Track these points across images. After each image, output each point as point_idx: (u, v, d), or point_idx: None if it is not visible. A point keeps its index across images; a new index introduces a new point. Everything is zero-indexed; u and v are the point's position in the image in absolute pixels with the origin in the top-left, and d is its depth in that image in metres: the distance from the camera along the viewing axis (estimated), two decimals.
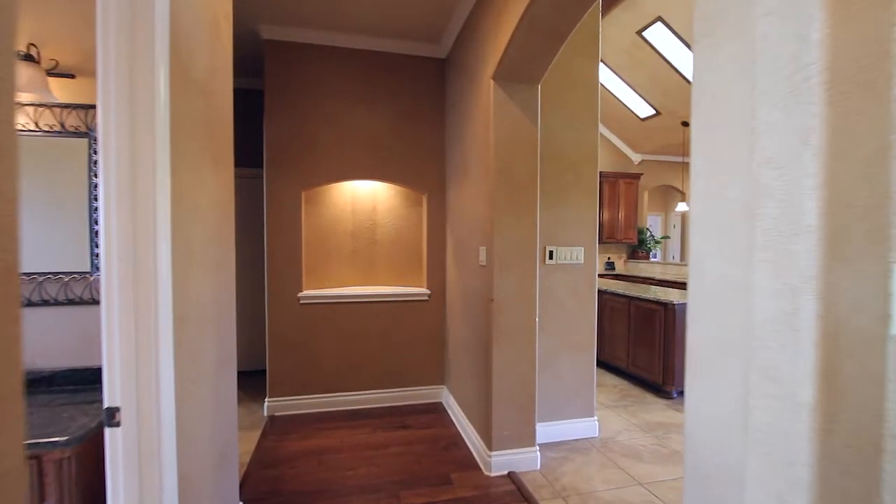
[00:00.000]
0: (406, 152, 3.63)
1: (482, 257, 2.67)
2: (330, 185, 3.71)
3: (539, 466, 2.62)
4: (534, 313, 2.56)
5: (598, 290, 3.98)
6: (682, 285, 5.89)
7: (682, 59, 5.72)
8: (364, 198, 3.88)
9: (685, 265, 6.96)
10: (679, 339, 3.77)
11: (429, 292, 3.69)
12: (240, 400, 3.60)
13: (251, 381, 4.11)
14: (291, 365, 3.44)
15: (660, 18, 5.31)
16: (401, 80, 3.60)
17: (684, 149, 7.47)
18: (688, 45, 5.43)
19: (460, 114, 3.18)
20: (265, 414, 3.39)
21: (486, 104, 2.59)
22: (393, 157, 3.60)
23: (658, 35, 5.57)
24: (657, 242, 8.14)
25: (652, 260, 8.21)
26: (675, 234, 9.10)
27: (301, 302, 3.44)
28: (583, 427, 3.04)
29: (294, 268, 3.43)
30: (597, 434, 3.08)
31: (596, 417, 3.10)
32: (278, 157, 3.37)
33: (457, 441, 2.98)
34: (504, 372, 2.53)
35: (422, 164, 3.67)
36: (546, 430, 2.94)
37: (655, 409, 3.59)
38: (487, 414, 2.59)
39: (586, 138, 3.00)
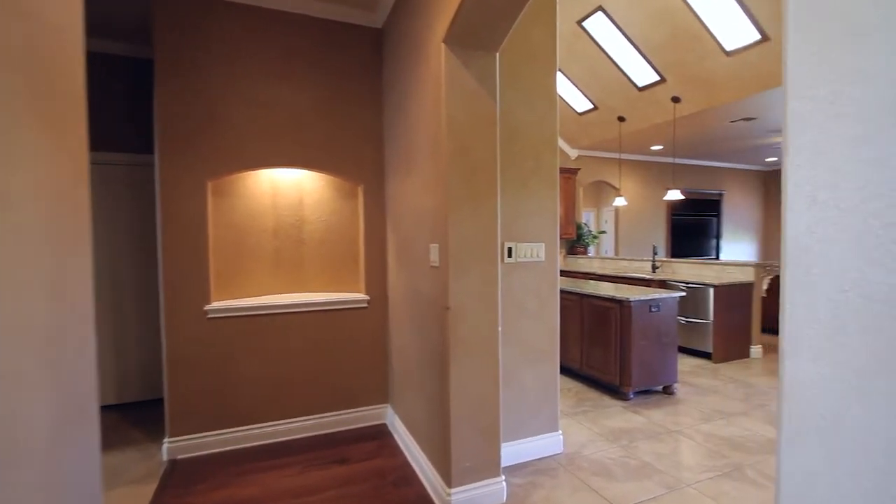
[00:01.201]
0: (337, 136, 3.10)
1: (434, 257, 2.24)
2: (245, 174, 3.09)
3: (505, 498, 2.25)
4: (496, 321, 2.18)
5: None
6: (623, 279, 5.87)
7: (621, 51, 5.67)
8: (288, 189, 3.29)
9: (623, 259, 7.02)
10: (636, 338, 3.61)
11: (368, 298, 3.19)
12: (129, 441, 2.88)
13: (145, 415, 3.35)
14: (198, 393, 2.79)
15: (601, 8, 5.19)
16: (330, 51, 3.07)
17: (620, 144, 7.56)
18: (628, 37, 5.39)
19: (403, 90, 2.73)
20: (164, 458, 2.71)
21: (436, 74, 2.16)
22: (322, 141, 3.06)
23: (598, 25, 5.47)
24: (595, 237, 8.20)
25: (589, 255, 8.27)
26: (609, 230, 9.28)
27: (209, 316, 2.80)
28: (547, 444, 2.73)
29: (198, 275, 2.78)
30: (561, 450, 2.78)
31: (560, 431, 2.80)
32: (175, 139, 2.70)
33: (407, 474, 2.53)
34: (464, 391, 2.12)
35: (356, 150, 3.16)
36: (508, 451, 2.58)
37: (615, 414, 3.38)
38: (445, 442, 2.17)
39: (546, 120, 2.68)
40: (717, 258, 10.27)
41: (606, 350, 3.76)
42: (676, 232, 9.60)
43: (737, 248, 10.62)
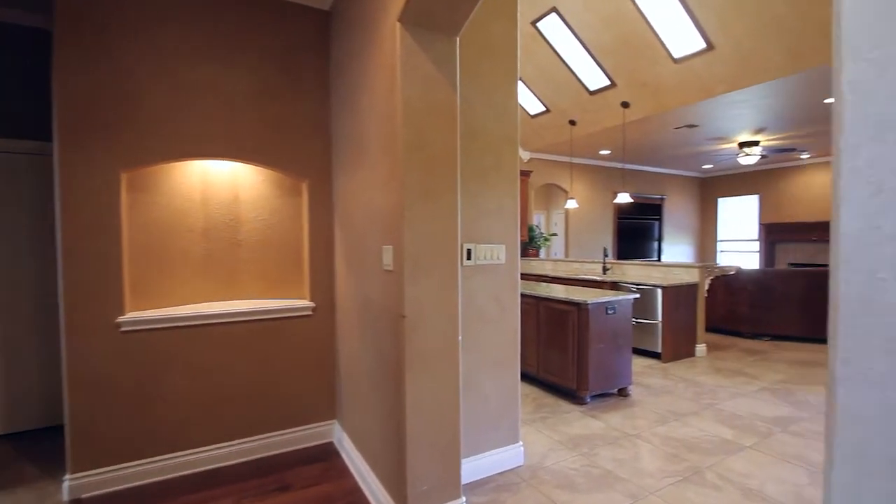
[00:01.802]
0: (279, 126, 2.80)
1: (387, 259, 2.02)
2: (169, 166, 2.72)
3: None
4: (457, 330, 2.00)
5: None
6: (575, 282, 5.90)
7: (573, 54, 5.71)
8: (221, 184, 2.94)
9: (574, 261, 7.10)
10: (593, 341, 3.56)
11: (313, 305, 2.91)
12: (21, 479, 2.43)
13: (44, 446, 2.87)
14: (109, 419, 2.39)
15: (555, 9, 5.19)
16: (271, 32, 2.76)
17: (571, 148, 7.65)
18: (580, 40, 5.42)
19: (353, 77, 2.49)
20: (65, 498, 2.29)
21: (390, 58, 1.95)
22: (260, 131, 2.75)
23: (552, 27, 5.46)
24: (546, 240, 8.27)
25: (541, 258, 8.33)
26: (560, 232, 9.41)
27: (123, 329, 2.41)
28: (508, 456, 2.58)
29: (108, 282, 2.38)
30: (522, 462, 2.64)
31: (521, 443, 2.66)
32: (79, 121, 2.30)
33: (356, 501, 2.28)
34: (421, 408, 1.92)
35: (300, 142, 2.87)
36: (468, 468, 2.41)
37: (573, 419, 3.30)
38: (400, 464, 1.95)
39: (506, 116, 2.54)
40: (659, 260, 10.73)
41: (564, 354, 3.69)
42: (622, 234, 9.92)
43: (676, 250, 11.15)
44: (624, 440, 2.95)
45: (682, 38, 4.72)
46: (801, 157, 9.03)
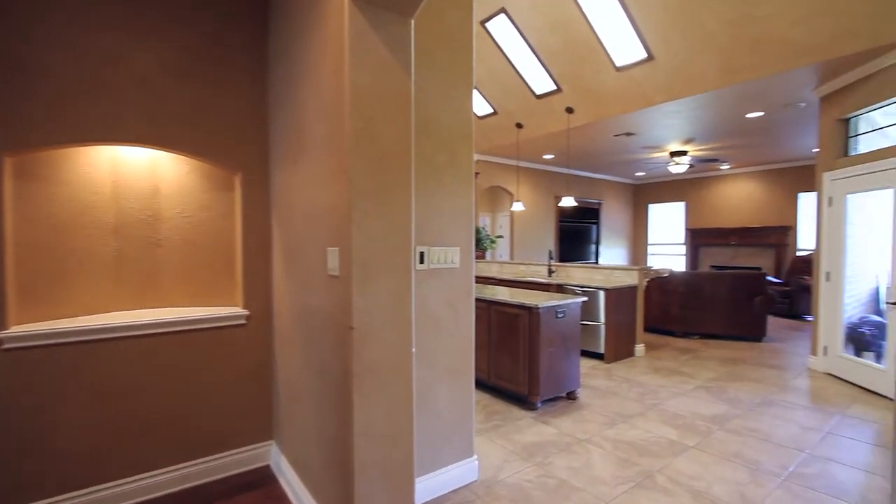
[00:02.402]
0: (208, 111, 2.48)
1: (332, 263, 1.81)
2: (70, 151, 2.31)
3: None
4: (410, 341, 1.83)
5: None
6: (522, 284, 5.91)
7: (521, 57, 5.72)
8: (137, 175, 2.55)
9: (521, 264, 7.14)
10: (544, 345, 3.52)
11: (247, 314, 2.61)
12: None
13: None
14: None
15: (503, 10, 5.16)
16: (199, 4, 2.44)
17: (518, 151, 7.71)
18: (528, 43, 5.44)
19: (294, 59, 2.24)
20: None
21: (337, 37, 1.74)
22: (186, 115, 2.41)
23: (500, 28, 5.44)
24: (493, 242, 8.28)
25: (487, 259, 8.33)
26: (505, 234, 9.49)
27: (5, 347, 1.99)
28: (462, 472, 2.44)
29: None
30: (477, 476, 2.51)
31: (475, 456, 2.53)
32: None
33: None
34: (371, 428, 1.72)
35: (233, 129, 2.56)
36: (420, 488, 2.24)
37: (525, 426, 3.23)
38: (347, 492, 1.75)
39: (462, 110, 2.40)
40: (597, 262, 11.16)
41: (515, 359, 3.63)
42: (563, 237, 10.20)
43: (612, 253, 11.66)
44: (576, 446, 2.92)
45: (624, 47, 4.86)
46: (722, 167, 9.75)
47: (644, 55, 4.80)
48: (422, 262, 2.28)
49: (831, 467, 2.66)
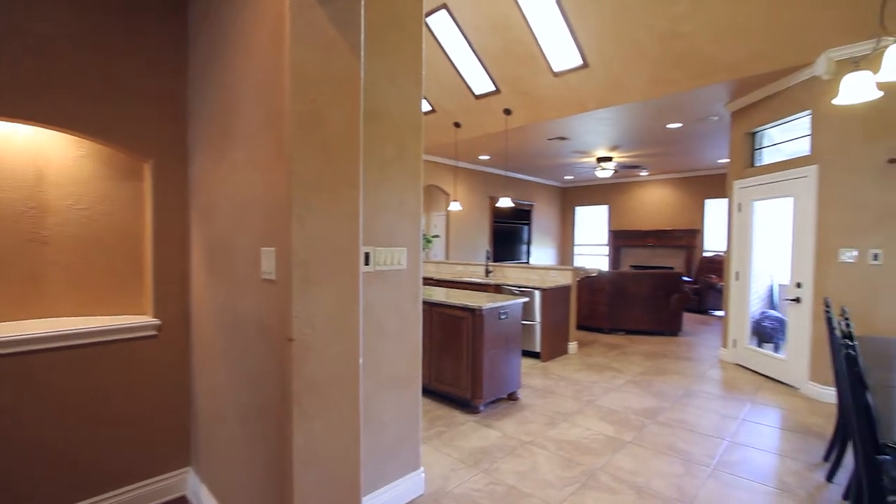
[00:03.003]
0: (114, 85, 2.10)
1: (268, 266, 1.58)
2: None
3: None
4: (358, 352, 1.65)
5: None
6: (460, 284, 5.87)
7: (461, 56, 5.67)
8: (13, 157, 2.10)
9: (458, 264, 7.10)
10: (487, 347, 3.47)
11: (158, 323, 2.25)
12: None
13: None
14: None
15: (445, 6, 5.07)
16: None
17: (456, 150, 7.68)
18: (469, 42, 5.39)
19: (220, 30, 1.95)
20: None
21: (275, 8, 1.52)
22: (84, 86, 2.02)
23: (441, 24, 5.34)
24: (429, 241, 8.18)
25: (423, 260, 8.22)
26: (441, 234, 9.44)
27: None
28: (408, 487, 2.29)
29: None
30: (423, 490, 2.37)
31: (422, 469, 2.40)
32: None
33: None
34: (313, 454, 1.52)
35: (142, 108, 2.20)
36: None
37: (469, 431, 3.16)
38: None
39: (411, 100, 2.25)
40: (528, 262, 11.50)
41: (458, 362, 3.54)
42: (497, 238, 10.37)
43: (542, 253, 12.08)
44: (521, 449, 2.89)
45: (562, 53, 4.97)
46: (641, 173, 10.47)
47: (580, 62, 4.95)
48: (367, 263, 2.09)
49: (750, 453, 2.86)
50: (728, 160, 8.43)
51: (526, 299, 4.13)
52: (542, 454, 2.82)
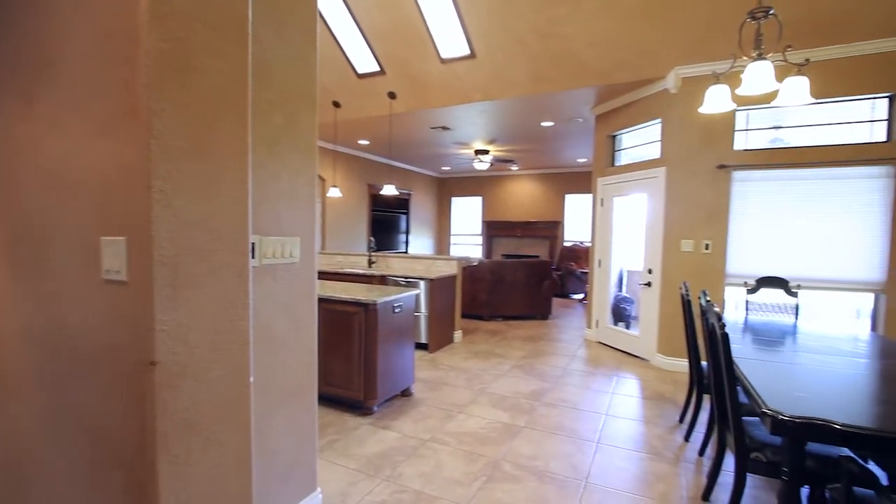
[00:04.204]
0: None
1: (113, 262, 1.15)
2: None
3: None
4: (247, 370, 1.30)
5: None
6: (343, 276, 5.50)
7: (345, 31, 5.23)
8: None
9: (338, 254, 6.67)
10: (380, 344, 3.24)
11: None
12: None
13: None
14: None
15: None
16: None
17: (336, 132, 7.15)
18: (353, 16, 4.99)
19: None
20: None
21: None
22: None
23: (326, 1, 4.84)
24: None
25: None
26: (317, 222, 8.80)
27: None
28: None
29: None
30: None
31: (319, 489, 2.10)
32: None
33: None
34: None
35: None
36: None
37: (365, 436, 2.92)
38: None
39: (305, 60, 1.90)
40: (407, 252, 11.46)
41: (349, 362, 3.25)
42: (375, 226, 10.08)
43: (419, 243, 12.14)
44: (422, 448, 2.76)
45: (450, 40, 4.90)
46: (513, 168, 11.15)
47: (468, 51, 4.93)
48: (252, 256, 1.71)
49: (624, 424, 3.17)
50: (585, 160, 9.49)
51: (418, 291, 4.01)
52: (444, 451, 2.73)
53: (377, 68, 5.56)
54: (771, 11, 2.26)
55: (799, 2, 3.43)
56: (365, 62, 5.56)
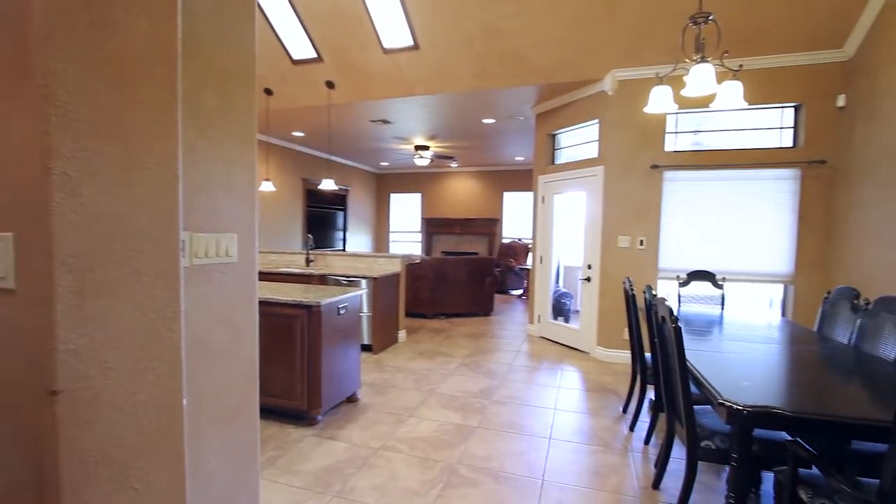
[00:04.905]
0: None
1: None
2: None
3: None
4: (181, 392, 1.09)
5: None
6: (279, 276, 5.13)
7: (278, 12, 4.86)
8: None
9: (272, 253, 6.24)
10: (325, 349, 3.03)
11: None
12: None
13: None
14: None
15: None
16: None
17: (268, 121, 6.68)
18: (291, 2, 4.64)
19: None
20: None
21: None
22: None
23: None
24: None
25: None
26: None
27: None
28: None
29: None
30: None
31: None
32: None
33: None
34: None
35: None
36: None
37: (310, 449, 2.70)
38: None
39: (242, 32, 1.67)
40: (344, 249, 11.07)
41: (291, 370, 3.00)
42: (311, 223, 9.61)
43: (357, 240, 11.79)
44: (374, 458, 2.60)
45: (393, 29, 4.72)
46: (452, 165, 11.15)
47: (411, 43, 4.78)
48: (182, 255, 1.47)
49: (572, 418, 3.22)
50: (524, 158, 9.70)
51: (364, 290, 3.82)
52: (397, 459, 2.59)
53: (314, 55, 5.24)
54: (710, 17, 2.37)
55: (730, 12, 3.68)
56: (301, 48, 5.21)
